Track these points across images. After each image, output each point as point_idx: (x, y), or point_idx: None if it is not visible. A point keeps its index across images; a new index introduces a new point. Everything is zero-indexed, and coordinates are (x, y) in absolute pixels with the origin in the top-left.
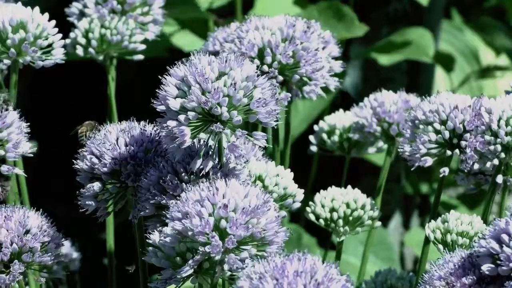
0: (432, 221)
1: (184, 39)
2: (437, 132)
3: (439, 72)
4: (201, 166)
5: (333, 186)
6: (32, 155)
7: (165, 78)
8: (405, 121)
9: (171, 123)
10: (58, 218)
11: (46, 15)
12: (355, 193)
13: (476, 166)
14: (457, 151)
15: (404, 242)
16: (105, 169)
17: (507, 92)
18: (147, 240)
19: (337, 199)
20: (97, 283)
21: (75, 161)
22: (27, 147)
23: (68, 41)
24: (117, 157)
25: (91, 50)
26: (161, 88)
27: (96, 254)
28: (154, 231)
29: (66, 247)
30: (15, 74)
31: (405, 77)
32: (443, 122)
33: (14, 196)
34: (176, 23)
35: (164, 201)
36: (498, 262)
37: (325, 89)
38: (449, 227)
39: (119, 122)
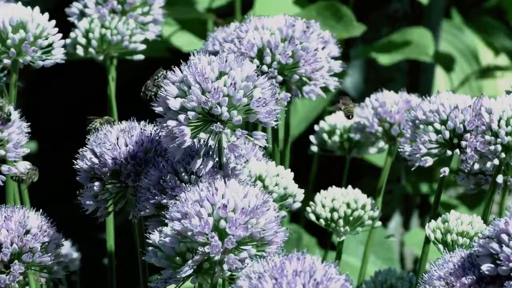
0: (432, 221)
1: (183, 39)
2: (438, 132)
3: (439, 72)
4: (201, 166)
5: (333, 186)
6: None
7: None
8: (406, 121)
9: (171, 123)
10: (58, 218)
11: (46, 15)
12: (355, 193)
13: (476, 166)
14: (457, 151)
15: (404, 242)
16: (105, 169)
17: (507, 92)
18: (147, 240)
19: (337, 199)
20: (97, 283)
21: (75, 161)
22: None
23: (68, 41)
24: (117, 157)
25: (91, 50)
26: (161, 87)
27: (96, 254)
28: (154, 231)
29: (66, 247)
30: (15, 74)
31: (406, 77)
32: (444, 122)
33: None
34: (175, 23)
35: (164, 201)
36: (498, 262)
37: (325, 89)
38: (449, 227)
39: (119, 122)
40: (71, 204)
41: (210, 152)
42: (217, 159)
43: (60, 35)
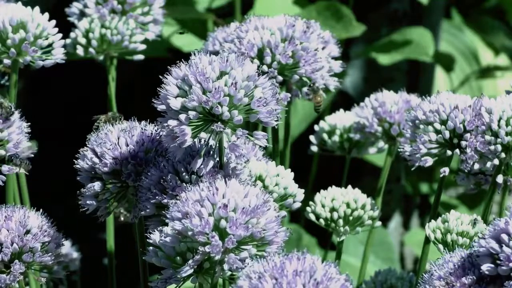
0: (432, 221)
1: (183, 39)
2: (438, 132)
3: (439, 72)
4: (202, 166)
5: (333, 186)
6: (32, 155)
7: (166, 78)
8: (406, 121)
9: (172, 123)
10: (58, 218)
11: (46, 15)
12: (355, 193)
13: (476, 166)
14: (457, 151)
15: (404, 242)
16: (105, 168)
17: (507, 92)
18: (147, 240)
19: (337, 199)
20: (97, 283)
21: (75, 161)
22: (27, 148)
23: (68, 41)
24: (117, 156)
25: (91, 50)
26: (162, 87)
27: (96, 254)
28: (154, 231)
29: (66, 247)
30: (15, 74)
31: (406, 77)
32: (444, 122)
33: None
34: (175, 23)
35: (165, 201)
36: (498, 262)
37: (325, 89)
38: (449, 227)
39: (119, 122)
40: (71, 204)
41: (211, 152)
42: (217, 159)
43: (60, 35)
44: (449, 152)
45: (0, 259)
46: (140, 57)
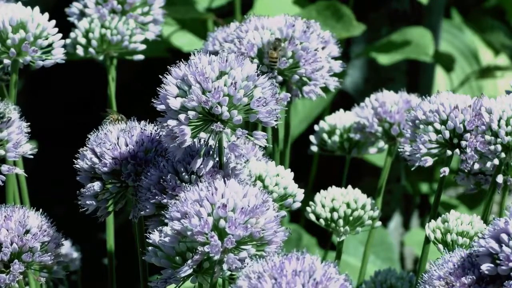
0: (432, 221)
1: (183, 39)
2: (438, 132)
3: (439, 72)
4: (202, 166)
5: (333, 186)
6: (32, 156)
7: (166, 78)
8: (406, 121)
9: (172, 123)
10: (58, 218)
11: (46, 15)
12: (355, 193)
13: (476, 166)
14: (457, 151)
15: (404, 242)
16: (105, 168)
17: (507, 92)
18: (147, 240)
19: (337, 199)
20: (97, 283)
21: (75, 161)
22: (28, 148)
23: (68, 41)
24: (117, 156)
25: (91, 50)
26: (162, 87)
27: (96, 254)
28: (154, 231)
29: (66, 247)
30: (15, 74)
31: (406, 77)
32: (444, 122)
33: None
34: (175, 23)
35: (164, 201)
36: (498, 261)
37: (325, 89)
38: (449, 227)
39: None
40: (71, 204)
41: (211, 152)
42: (217, 158)
43: (60, 35)
44: (449, 152)
45: (0, 259)
46: (140, 57)
